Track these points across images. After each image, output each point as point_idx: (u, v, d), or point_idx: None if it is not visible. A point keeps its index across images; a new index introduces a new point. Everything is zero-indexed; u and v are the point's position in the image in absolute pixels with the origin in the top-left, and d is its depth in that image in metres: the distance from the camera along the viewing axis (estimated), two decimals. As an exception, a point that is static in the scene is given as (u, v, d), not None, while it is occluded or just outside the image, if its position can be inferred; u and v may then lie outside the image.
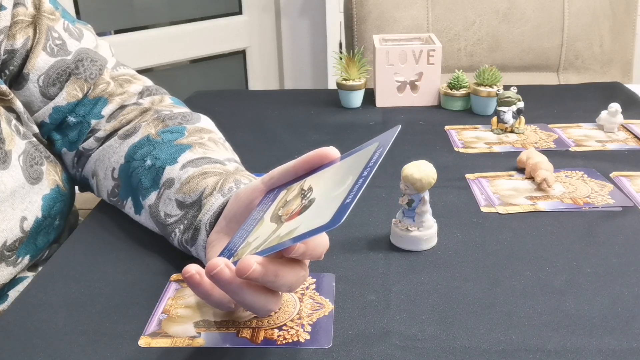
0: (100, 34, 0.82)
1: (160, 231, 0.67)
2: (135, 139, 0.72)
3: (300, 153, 0.55)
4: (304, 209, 0.48)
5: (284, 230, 0.47)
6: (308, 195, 0.49)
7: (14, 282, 0.70)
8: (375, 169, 0.45)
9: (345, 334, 0.54)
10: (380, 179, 0.80)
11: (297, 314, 0.56)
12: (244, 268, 0.45)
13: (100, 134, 0.75)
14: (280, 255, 0.47)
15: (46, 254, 0.74)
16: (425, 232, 0.66)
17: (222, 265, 0.46)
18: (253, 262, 0.45)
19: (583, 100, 1.12)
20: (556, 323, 0.54)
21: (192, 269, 0.47)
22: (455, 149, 0.93)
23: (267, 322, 0.55)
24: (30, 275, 0.71)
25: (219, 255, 0.52)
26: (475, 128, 1.01)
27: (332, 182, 0.48)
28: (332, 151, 0.52)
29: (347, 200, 0.43)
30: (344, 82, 1.10)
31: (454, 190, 0.79)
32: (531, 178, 0.81)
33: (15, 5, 0.70)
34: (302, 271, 0.49)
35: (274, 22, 2.56)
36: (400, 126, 0.50)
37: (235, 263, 0.47)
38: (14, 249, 0.67)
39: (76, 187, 0.81)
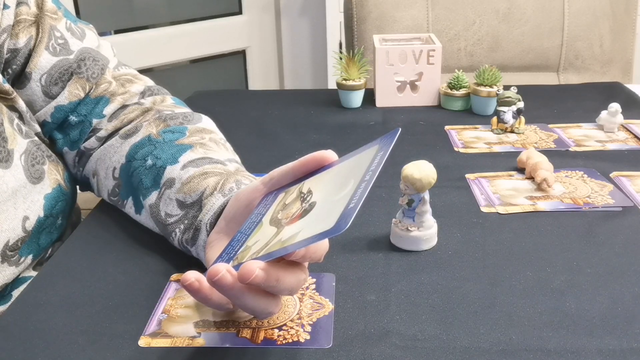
0: (100, 34, 0.82)
1: (160, 231, 0.67)
2: (136, 138, 0.72)
3: (300, 153, 0.55)
4: (304, 212, 0.48)
5: (285, 234, 0.47)
6: (308, 199, 0.49)
7: (17, 281, 0.70)
8: (377, 173, 0.45)
9: (345, 334, 0.54)
10: (380, 179, 0.79)
11: (297, 314, 0.56)
12: (247, 274, 0.45)
13: (102, 133, 0.75)
14: (281, 258, 0.47)
15: (49, 253, 0.74)
16: (425, 232, 0.66)
17: (224, 271, 0.46)
18: (255, 268, 0.45)
19: (583, 100, 1.12)
20: (556, 323, 0.54)
21: (190, 276, 0.47)
22: (455, 149, 0.93)
23: (267, 322, 0.55)
24: (34, 274, 0.71)
25: (217, 259, 0.52)
26: (475, 128, 1.01)
27: (333, 186, 0.48)
28: (329, 154, 0.52)
29: (351, 205, 0.43)
30: (344, 82, 1.10)
31: (454, 190, 0.79)
32: (531, 178, 0.81)
33: (19, 4, 0.71)
34: (303, 274, 0.49)
35: (274, 22, 2.56)
36: (400, 129, 0.50)
37: (235, 267, 0.47)
38: (17, 249, 0.68)
39: (77, 186, 0.81)
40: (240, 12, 2.44)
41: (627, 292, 0.58)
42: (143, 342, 0.53)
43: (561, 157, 0.87)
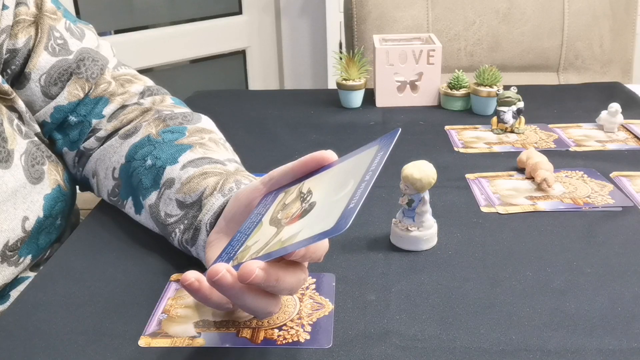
0: (100, 34, 0.82)
1: (160, 231, 0.67)
2: (136, 138, 0.72)
3: (300, 153, 0.55)
4: (304, 212, 0.48)
5: (285, 234, 0.47)
6: (308, 199, 0.49)
7: (15, 282, 0.70)
8: (377, 173, 0.45)
9: (345, 334, 0.54)
10: (380, 179, 0.79)
11: (297, 314, 0.56)
12: (247, 274, 0.45)
13: (101, 133, 0.75)
14: (281, 258, 0.47)
15: (48, 254, 0.74)
16: (425, 232, 0.66)
17: (224, 271, 0.46)
18: (255, 268, 0.45)
19: (583, 100, 1.12)
20: (556, 323, 0.54)
21: (190, 276, 0.47)
22: (455, 149, 0.93)
23: (267, 322, 0.55)
24: (32, 275, 0.71)
25: (217, 259, 0.52)
26: (475, 128, 1.01)
27: (333, 186, 0.48)
28: (329, 154, 0.52)
29: (351, 205, 0.43)
30: (344, 82, 1.10)
31: (454, 190, 0.79)
32: (531, 178, 0.81)
33: (18, 4, 0.71)
34: (302, 274, 0.49)
35: (274, 22, 2.56)
36: (400, 129, 0.50)
37: (235, 267, 0.47)
38: (16, 249, 0.67)
39: (77, 187, 0.81)
40: (240, 12, 2.44)
41: (627, 292, 0.58)
42: (143, 342, 0.53)
43: (561, 157, 0.87)
